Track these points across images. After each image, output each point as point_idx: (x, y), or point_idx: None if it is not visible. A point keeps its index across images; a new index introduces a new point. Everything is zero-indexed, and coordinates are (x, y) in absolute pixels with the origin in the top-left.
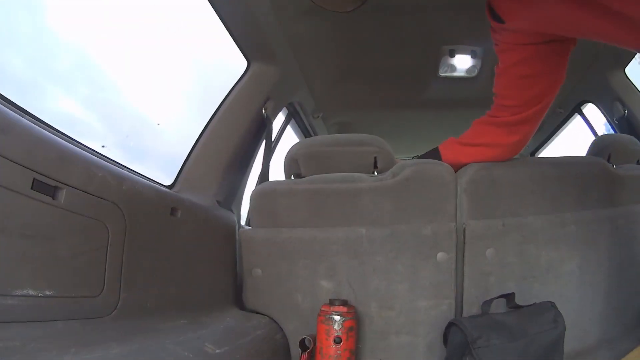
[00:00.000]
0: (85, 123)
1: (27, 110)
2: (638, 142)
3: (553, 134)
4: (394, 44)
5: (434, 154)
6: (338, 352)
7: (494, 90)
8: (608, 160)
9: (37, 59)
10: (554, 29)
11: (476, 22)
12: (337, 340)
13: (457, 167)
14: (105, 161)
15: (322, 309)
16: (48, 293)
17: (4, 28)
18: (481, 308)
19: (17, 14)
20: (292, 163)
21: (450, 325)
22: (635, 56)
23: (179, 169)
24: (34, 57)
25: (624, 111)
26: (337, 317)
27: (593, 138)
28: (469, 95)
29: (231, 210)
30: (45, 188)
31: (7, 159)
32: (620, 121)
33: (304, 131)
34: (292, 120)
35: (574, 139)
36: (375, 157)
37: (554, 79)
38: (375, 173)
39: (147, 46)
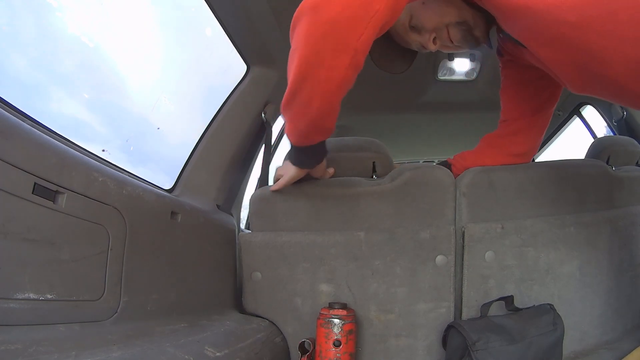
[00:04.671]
0: (89, 126)
1: (28, 114)
2: (637, 143)
3: (552, 137)
4: None
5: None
6: (337, 355)
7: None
8: (607, 162)
9: (41, 61)
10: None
11: None
12: (337, 344)
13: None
14: (106, 166)
15: (322, 312)
16: (49, 296)
17: (6, 30)
18: (480, 311)
19: (19, 15)
20: None
21: (450, 328)
22: None
23: (178, 172)
24: (38, 59)
25: (623, 113)
26: (336, 321)
27: (592, 140)
28: (468, 99)
29: (231, 214)
30: (46, 192)
31: (8, 163)
32: (619, 123)
33: None
34: None
35: (573, 142)
36: (373, 162)
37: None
38: (374, 177)
39: (147, 51)
